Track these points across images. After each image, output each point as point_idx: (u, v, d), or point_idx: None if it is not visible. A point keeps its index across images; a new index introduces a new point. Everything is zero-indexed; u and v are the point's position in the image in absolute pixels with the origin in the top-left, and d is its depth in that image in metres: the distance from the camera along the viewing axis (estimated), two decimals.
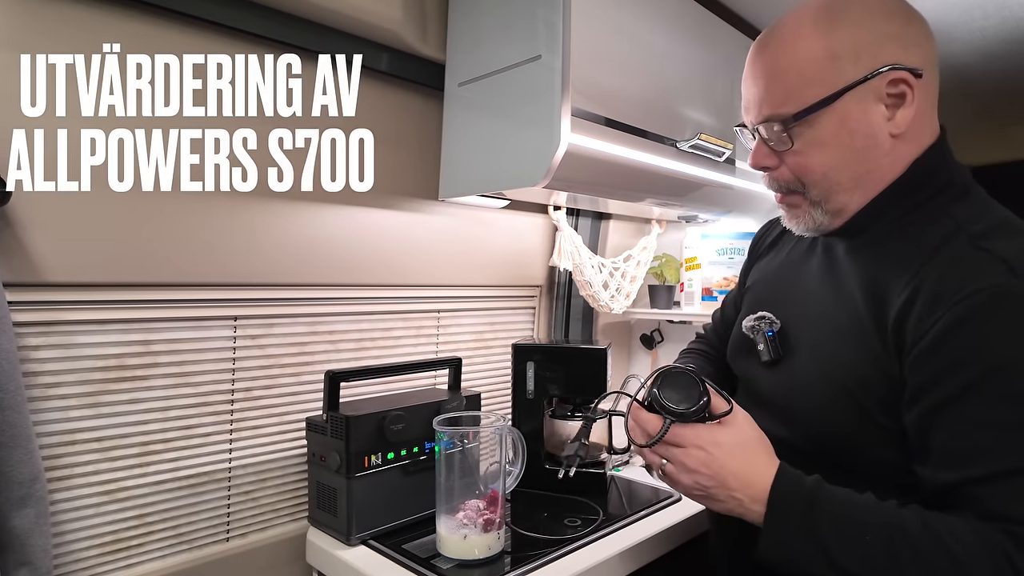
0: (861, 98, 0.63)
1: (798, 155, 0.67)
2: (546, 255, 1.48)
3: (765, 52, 0.68)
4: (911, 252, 0.63)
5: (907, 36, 0.64)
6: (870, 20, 0.64)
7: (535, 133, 0.95)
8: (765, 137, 0.69)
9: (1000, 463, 0.54)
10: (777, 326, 0.76)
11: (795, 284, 0.78)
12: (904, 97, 0.63)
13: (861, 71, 0.63)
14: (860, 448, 0.65)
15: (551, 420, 1.21)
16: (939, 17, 1.29)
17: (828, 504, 0.59)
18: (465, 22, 1.09)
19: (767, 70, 0.67)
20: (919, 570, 0.54)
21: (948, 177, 0.67)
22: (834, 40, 0.63)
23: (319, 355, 1.12)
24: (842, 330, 0.67)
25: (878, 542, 0.56)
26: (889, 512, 0.58)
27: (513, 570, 0.85)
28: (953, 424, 0.57)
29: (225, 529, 1.02)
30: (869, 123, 0.64)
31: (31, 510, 0.74)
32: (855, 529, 0.57)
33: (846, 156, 0.65)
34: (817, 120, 0.64)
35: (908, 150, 0.66)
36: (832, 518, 0.58)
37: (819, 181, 0.67)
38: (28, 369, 0.81)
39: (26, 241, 0.78)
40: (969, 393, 0.56)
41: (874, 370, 0.63)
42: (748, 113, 0.71)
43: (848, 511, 0.59)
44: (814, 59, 0.64)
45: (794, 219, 0.73)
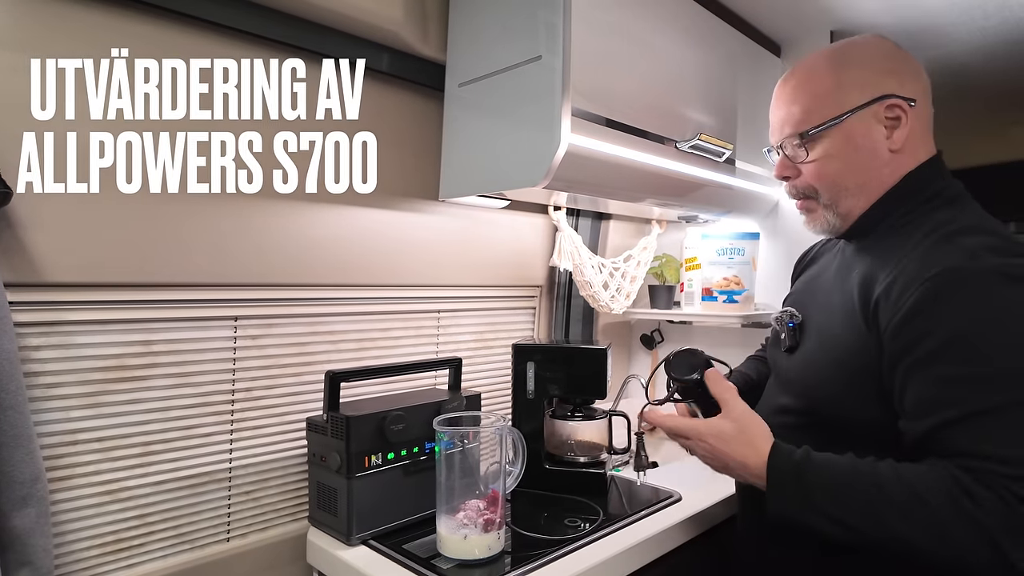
0: (864, 120, 0.79)
1: (813, 164, 0.82)
2: (546, 255, 1.49)
3: (788, 84, 0.86)
4: (897, 249, 0.76)
5: (903, 73, 0.80)
6: (872, 61, 0.80)
7: (535, 133, 0.95)
8: (787, 152, 0.85)
9: (961, 408, 0.65)
10: (798, 319, 0.89)
11: (818, 284, 0.92)
12: (899, 120, 0.78)
13: (864, 98, 0.78)
14: (850, 412, 0.77)
15: (551, 420, 1.21)
16: (939, 17, 1.30)
17: (815, 473, 0.72)
18: (466, 23, 1.09)
19: (789, 97, 0.84)
20: (895, 511, 0.66)
21: (938, 188, 0.79)
22: (843, 75, 0.80)
23: (319, 355, 1.12)
24: (840, 315, 0.80)
25: (860, 495, 0.68)
26: (866, 469, 0.70)
27: (513, 570, 0.85)
28: (923, 382, 0.68)
29: (226, 529, 1.02)
30: (871, 140, 0.79)
31: (32, 510, 0.74)
32: (840, 487, 0.69)
33: (852, 166, 0.80)
34: (828, 135, 0.80)
35: (905, 163, 0.80)
36: (820, 482, 0.71)
37: (829, 187, 0.82)
38: (29, 369, 0.81)
39: (27, 241, 0.78)
40: (935, 356, 0.67)
41: (860, 344, 0.75)
42: (774, 135, 0.88)
43: (833, 475, 0.71)
44: (826, 88, 0.81)
45: (811, 221, 0.88)
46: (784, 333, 0.89)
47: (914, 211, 0.79)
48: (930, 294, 0.68)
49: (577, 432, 1.20)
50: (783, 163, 0.86)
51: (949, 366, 0.66)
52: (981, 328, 0.66)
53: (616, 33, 1.00)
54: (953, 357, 0.66)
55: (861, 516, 0.68)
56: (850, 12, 1.29)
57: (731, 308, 1.36)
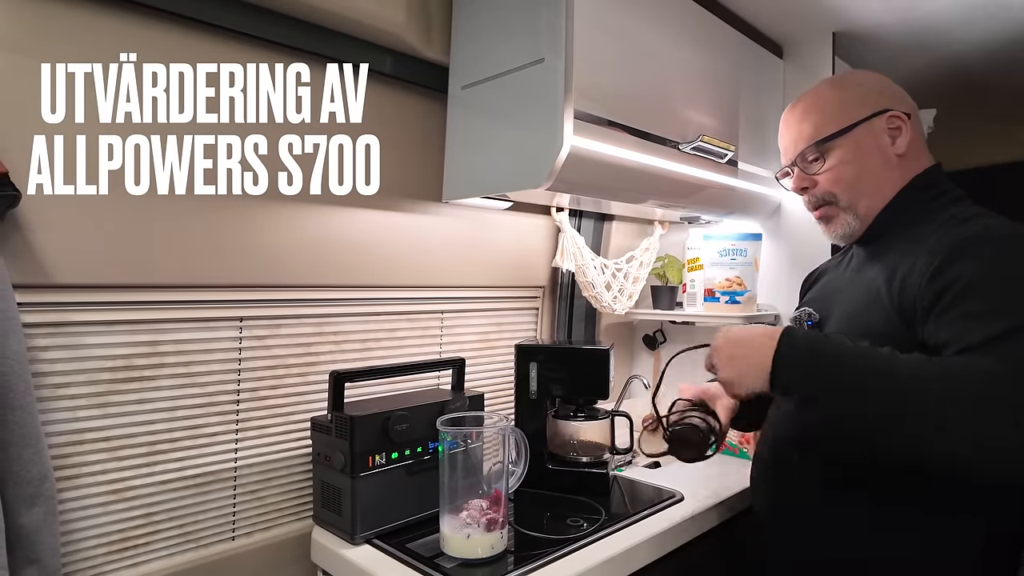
0: (870, 130, 0.88)
1: (830, 171, 0.90)
2: (549, 256, 1.49)
3: (796, 109, 0.95)
4: (916, 240, 0.81)
5: (894, 94, 0.91)
6: (868, 84, 0.92)
7: (538, 135, 0.95)
8: (801, 166, 0.93)
9: (989, 329, 0.67)
10: (816, 317, 0.94)
11: (832, 289, 0.98)
12: (900, 129, 0.88)
13: (867, 111, 0.88)
14: None
15: (554, 420, 1.22)
16: (942, 17, 1.30)
17: (824, 341, 0.75)
18: (469, 25, 1.10)
19: (798, 119, 0.93)
20: (903, 373, 0.67)
21: (944, 188, 0.88)
22: (845, 95, 0.91)
23: (324, 355, 1.13)
24: (864, 303, 0.85)
25: (870, 361, 0.70)
26: (882, 350, 0.71)
27: (516, 569, 0.85)
28: (953, 319, 0.71)
29: (231, 528, 1.03)
30: (879, 147, 0.88)
31: (40, 509, 0.75)
32: (850, 355, 0.71)
33: (865, 169, 0.88)
34: (839, 145, 0.89)
35: (911, 168, 0.89)
36: (829, 350, 0.73)
37: (847, 189, 0.89)
38: (37, 370, 0.82)
39: (35, 243, 0.79)
40: (961, 298, 0.71)
41: (888, 321, 0.79)
42: (787, 155, 0.96)
43: (843, 348, 0.73)
44: (832, 105, 0.91)
45: (831, 228, 0.93)
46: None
47: (926, 207, 0.86)
48: (955, 252, 0.73)
49: (580, 432, 1.21)
50: (799, 176, 0.93)
51: (975, 302, 0.70)
52: (1006, 273, 0.71)
53: (618, 35, 1.01)
54: (976, 297, 0.70)
55: (870, 376, 0.69)
56: (852, 13, 1.29)
57: (733, 309, 1.36)
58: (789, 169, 0.95)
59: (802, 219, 1.41)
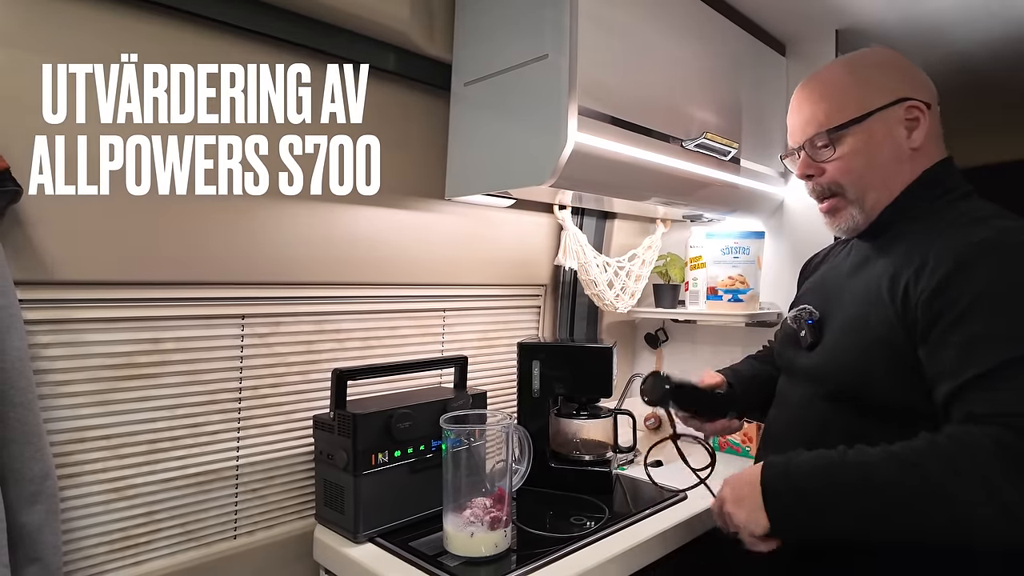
0: (885, 120, 0.83)
1: (839, 160, 0.85)
2: (551, 254, 1.49)
3: (808, 88, 0.89)
4: (923, 238, 0.78)
5: (916, 81, 0.85)
6: (888, 68, 0.85)
7: (542, 132, 0.95)
8: (809, 152, 0.87)
9: (989, 361, 0.66)
10: (816, 316, 0.90)
11: (833, 283, 0.93)
12: (918, 120, 0.82)
13: (885, 100, 0.82)
14: (885, 395, 0.78)
15: (556, 419, 1.22)
16: (945, 15, 1.29)
17: (798, 468, 0.75)
18: (472, 21, 1.09)
19: (811, 100, 0.87)
20: (895, 492, 0.67)
21: (954, 184, 0.84)
22: (862, 79, 0.85)
23: (326, 353, 1.13)
24: (865, 304, 0.81)
25: (848, 477, 0.71)
26: (851, 456, 0.72)
27: (519, 567, 0.85)
28: (951, 344, 0.70)
29: (233, 526, 1.02)
30: (892, 139, 0.83)
31: (41, 507, 0.75)
32: (826, 475, 0.72)
33: (876, 162, 0.84)
34: (852, 133, 0.84)
35: (923, 162, 0.84)
36: (806, 472, 0.74)
37: (856, 181, 0.85)
38: (38, 367, 0.82)
39: (37, 240, 0.79)
40: (962, 319, 0.69)
41: (890, 327, 0.76)
42: (794, 136, 0.90)
43: (817, 468, 0.73)
44: (848, 90, 0.85)
45: (836, 221, 0.89)
46: (804, 331, 0.90)
47: (934, 204, 0.83)
48: (961, 264, 0.71)
49: (582, 430, 1.21)
50: (806, 162, 0.88)
51: (978, 324, 0.68)
52: (1010, 290, 0.68)
53: (622, 32, 1.00)
54: (982, 315, 0.68)
55: (857, 496, 0.69)
56: (856, 11, 1.28)
57: (736, 307, 1.36)
58: (796, 152, 0.90)
59: (805, 217, 1.40)
